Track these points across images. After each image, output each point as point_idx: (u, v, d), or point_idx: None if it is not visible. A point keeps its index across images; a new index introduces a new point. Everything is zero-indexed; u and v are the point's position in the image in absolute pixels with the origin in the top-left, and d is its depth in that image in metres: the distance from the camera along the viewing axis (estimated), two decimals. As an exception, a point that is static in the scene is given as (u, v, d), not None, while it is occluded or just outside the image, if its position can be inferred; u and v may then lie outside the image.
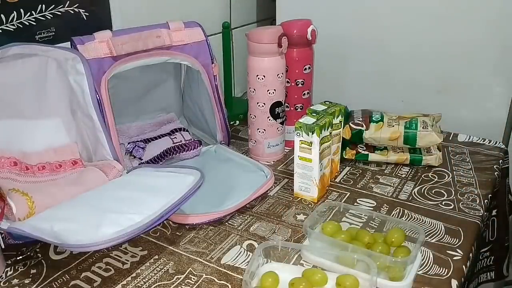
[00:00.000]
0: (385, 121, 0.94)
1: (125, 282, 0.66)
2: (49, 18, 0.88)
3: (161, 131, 1.02)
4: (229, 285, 0.65)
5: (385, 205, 0.84)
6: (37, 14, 0.86)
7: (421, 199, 0.85)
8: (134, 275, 0.67)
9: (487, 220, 0.87)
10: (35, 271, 0.68)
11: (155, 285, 0.65)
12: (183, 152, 0.97)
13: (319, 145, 0.81)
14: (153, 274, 0.67)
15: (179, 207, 0.71)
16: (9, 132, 0.78)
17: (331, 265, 0.66)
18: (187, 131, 1.04)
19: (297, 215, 0.81)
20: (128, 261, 0.70)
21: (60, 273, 0.68)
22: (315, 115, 0.85)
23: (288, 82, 1.00)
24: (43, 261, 0.70)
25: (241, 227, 0.78)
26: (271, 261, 0.68)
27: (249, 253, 0.72)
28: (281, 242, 0.69)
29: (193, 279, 0.66)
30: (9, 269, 0.69)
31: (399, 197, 0.86)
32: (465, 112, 1.13)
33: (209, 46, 0.94)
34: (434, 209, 0.82)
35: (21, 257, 0.71)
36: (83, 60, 0.79)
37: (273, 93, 0.94)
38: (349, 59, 1.23)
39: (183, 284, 0.65)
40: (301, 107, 1.02)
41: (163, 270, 0.68)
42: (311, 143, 0.81)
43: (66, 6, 0.90)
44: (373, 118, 0.95)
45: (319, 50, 1.02)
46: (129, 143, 0.96)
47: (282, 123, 0.98)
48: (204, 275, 0.67)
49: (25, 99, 0.79)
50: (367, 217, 0.78)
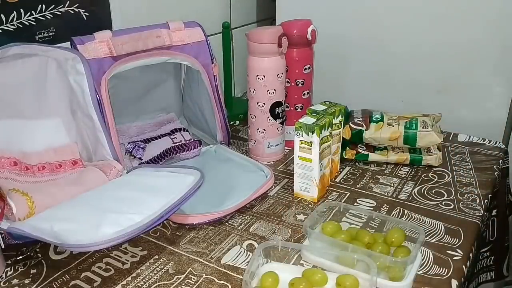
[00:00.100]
0: (385, 121, 0.94)
1: (125, 282, 0.66)
2: (49, 18, 0.88)
3: (161, 131, 1.02)
4: (229, 285, 0.65)
5: (385, 205, 0.84)
6: (37, 14, 0.86)
7: (421, 199, 0.85)
8: (134, 275, 0.67)
9: (487, 220, 0.87)
10: (35, 271, 0.68)
11: (155, 285, 0.65)
12: (183, 152, 0.97)
13: (319, 145, 0.81)
14: (153, 274, 0.67)
15: (179, 207, 0.71)
16: (9, 132, 0.78)
17: (331, 265, 0.66)
18: (187, 131, 1.04)
19: (297, 215, 0.81)
20: (128, 261, 0.70)
21: (60, 273, 0.68)
22: (315, 115, 0.85)
23: (288, 82, 1.00)
24: (43, 261, 0.70)
25: (241, 227, 0.78)
26: (271, 261, 0.68)
27: (249, 253, 0.72)
28: (281, 242, 0.69)
29: (193, 279, 0.66)
30: (9, 269, 0.69)
31: (399, 197, 0.86)
32: (465, 112, 1.13)
33: (209, 46, 0.94)
34: (434, 209, 0.82)
35: (21, 257, 0.71)
36: (83, 60, 0.79)
37: (273, 93, 0.94)
38: (349, 59, 1.23)
39: (183, 284, 0.65)
40: (301, 107, 1.02)
41: (163, 270, 0.68)
42: (311, 143, 0.81)
43: (66, 6, 0.90)
44: (373, 118, 0.95)
45: (319, 50, 1.02)
46: (129, 143, 0.96)
47: (282, 123, 0.98)
48: (204, 275, 0.67)
49: (25, 99, 0.79)
50: (367, 217, 0.78)
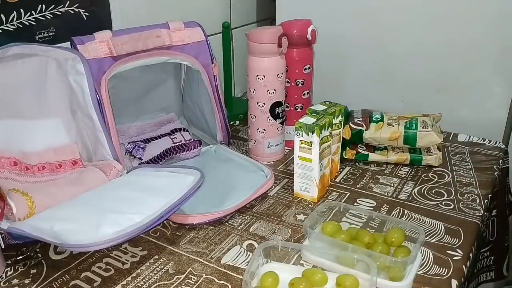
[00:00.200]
0: (385, 121, 0.94)
1: (125, 282, 0.66)
2: (49, 18, 0.88)
3: (161, 131, 1.02)
4: (229, 285, 0.65)
5: (385, 205, 0.84)
6: (37, 14, 0.86)
7: (421, 199, 0.85)
8: (134, 275, 0.67)
9: (487, 220, 0.87)
10: (35, 271, 0.68)
11: (155, 285, 0.65)
12: (183, 152, 0.97)
13: (319, 145, 0.81)
14: (153, 274, 0.67)
15: (179, 207, 0.71)
16: (9, 132, 0.78)
17: (331, 265, 0.66)
18: (187, 131, 1.04)
19: (297, 215, 0.81)
20: (128, 261, 0.70)
21: (60, 273, 0.68)
22: (315, 115, 0.85)
23: (288, 82, 1.00)
24: (43, 261, 0.70)
25: (241, 227, 0.78)
26: (271, 261, 0.68)
27: (249, 253, 0.72)
28: (281, 242, 0.69)
29: (193, 279, 0.66)
30: (9, 269, 0.69)
31: (399, 197, 0.86)
32: (465, 112, 1.13)
33: (209, 46, 0.94)
34: (434, 209, 0.82)
35: (21, 257, 0.71)
36: (83, 60, 0.79)
37: (273, 93, 0.94)
38: (349, 59, 1.23)
39: (183, 284, 0.65)
40: (301, 107, 1.02)
41: (163, 270, 0.68)
42: (311, 143, 0.81)
43: (66, 6, 0.90)
44: (373, 118, 0.95)
45: (319, 50, 1.02)
46: (129, 143, 0.96)
47: (282, 123, 0.98)
48: (204, 275, 0.67)
49: (25, 99, 0.79)
50: (367, 217, 0.78)
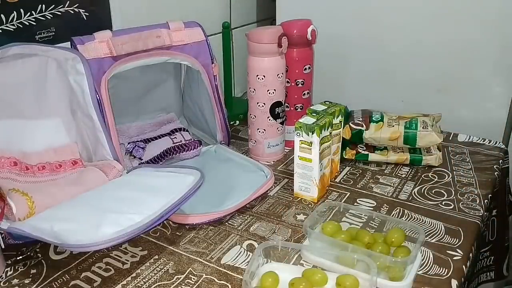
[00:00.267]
0: (385, 121, 0.94)
1: (125, 282, 0.66)
2: (49, 18, 0.88)
3: (161, 131, 1.02)
4: (229, 285, 0.65)
5: (385, 205, 0.84)
6: (37, 14, 0.86)
7: (421, 199, 0.85)
8: (134, 275, 0.67)
9: (487, 220, 0.87)
10: (35, 271, 0.68)
11: (155, 285, 0.65)
12: (183, 152, 0.97)
13: (319, 145, 0.81)
14: (153, 274, 0.67)
15: (179, 207, 0.71)
16: (9, 132, 0.78)
17: (331, 265, 0.66)
18: (187, 131, 1.04)
19: (297, 215, 0.81)
20: (128, 261, 0.70)
21: (60, 273, 0.68)
22: (315, 115, 0.85)
23: (288, 82, 1.00)
24: (43, 261, 0.70)
25: (241, 227, 0.78)
26: (271, 261, 0.68)
27: (249, 253, 0.72)
28: (281, 242, 0.69)
29: (193, 279, 0.66)
30: (9, 269, 0.69)
31: (399, 197, 0.86)
32: (465, 112, 1.13)
33: (209, 46, 0.94)
34: (434, 209, 0.82)
35: (21, 257, 0.71)
36: (83, 60, 0.79)
37: (273, 93, 0.94)
38: (349, 59, 1.23)
39: (183, 284, 0.65)
40: (301, 107, 1.02)
41: (163, 270, 0.68)
42: (311, 143, 0.81)
43: (66, 6, 0.90)
44: (373, 118, 0.95)
45: (319, 50, 1.02)
46: (129, 143, 0.96)
47: (282, 123, 0.98)
48: (204, 275, 0.67)
49: (25, 99, 0.79)
50: (367, 217, 0.78)
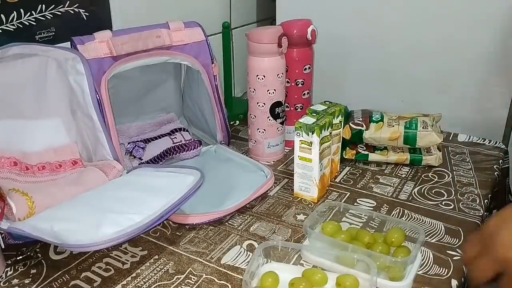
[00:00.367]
0: (385, 121, 0.94)
1: (125, 282, 0.66)
2: (49, 18, 0.88)
3: (161, 131, 1.02)
4: (229, 285, 0.65)
5: (385, 205, 0.84)
6: (37, 14, 0.86)
7: (421, 199, 0.85)
8: (134, 275, 0.67)
9: (487, 220, 0.87)
10: (35, 271, 0.68)
11: (155, 285, 0.65)
12: (183, 152, 0.97)
13: (319, 145, 0.81)
14: (153, 274, 0.67)
15: (179, 207, 0.70)
16: (9, 132, 0.78)
17: (331, 265, 0.66)
18: (187, 131, 1.04)
19: (297, 215, 0.81)
20: (128, 261, 0.70)
21: (60, 273, 0.68)
22: (315, 115, 0.85)
23: (288, 82, 1.00)
24: (43, 261, 0.70)
25: (241, 227, 0.78)
26: (271, 261, 0.68)
27: (249, 253, 0.72)
28: (281, 242, 0.69)
29: (193, 279, 0.66)
30: (9, 269, 0.69)
31: (399, 197, 0.86)
32: (465, 112, 1.13)
33: (209, 46, 0.94)
34: (434, 209, 0.82)
35: (21, 257, 0.71)
36: (83, 60, 0.79)
37: (273, 93, 0.94)
38: (349, 59, 1.23)
39: (183, 284, 0.65)
40: (301, 107, 1.02)
41: (163, 270, 0.68)
42: (311, 143, 0.81)
43: (66, 6, 0.90)
44: (373, 118, 0.95)
45: (319, 50, 1.02)
46: (129, 143, 0.96)
47: (282, 123, 0.98)
48: (204, 275, 0.67)
49: (25, 99, 0.79)
50: (367, 217, 0.78)
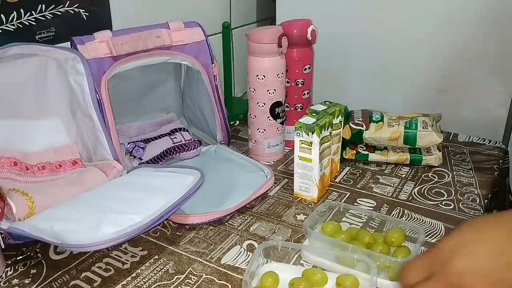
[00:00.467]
0: (385, 121, 0.94)
1: (125, 282, 0.66)
2: (49, 18, 0.88)
3: (161, 131, 1.02)
4: (229, 285, 0.65)
5: (385, 205, 0.84)
6: (37, 14, 0.86)
7: (421, 199, 0.85)
8: (134, 275, 0.67)
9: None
10: (35, 271, 0.68)
11: (155, 285, 0.65)
12: (183, 152, 0.97)
13: (319, 145, 0.81)
14: (153, 274, 0.67)
15: (179, 207, 0.70)
16: (9, 132, 0.78)
17: (331, 265, 0.66)
18: (187, 131, 1.04)
19: (297, 215, 0.81)
20: (128, 261, 0.70)
21: (60, 273, 0.68)
22: (315, 115, 0.85)
23: (288, 82, 1.00)
24: (43, 261, 0.70)
25: (241, 227, 0.78)
26: (271, 261, 0.68)
27: (249, 253, 0.72)
28: (281, 242, 0.69)
29: (193, 279, 0.66)
30: (9, 269, 0.69)
31: (399, 197, 0.86)
32: (465, 112, 1.13)
33: (209, 46, 0.94)
34: (434, 209, 0.82)
35: (21, 257, 0.71)
36: (83, 60, 0.79)
37: (273, 93, 0.94)
38: (349, 59, 1.23)
39: (183, 284, 0.65)
40: (301, 107, 1.02)
41: (163, 270, 0.68)
42: (311, 143, 0.81)
43: (66, 6, 0.90)
44: (373, 118, 0.95)
45: (319, 50, 1.02)
46: (129, 143, 0.96)
47: (282, 123, 0.98)
48: (204, 275, 0.67)
49: (25, 99, 0.79)
50: (367, 217, 0.78)
